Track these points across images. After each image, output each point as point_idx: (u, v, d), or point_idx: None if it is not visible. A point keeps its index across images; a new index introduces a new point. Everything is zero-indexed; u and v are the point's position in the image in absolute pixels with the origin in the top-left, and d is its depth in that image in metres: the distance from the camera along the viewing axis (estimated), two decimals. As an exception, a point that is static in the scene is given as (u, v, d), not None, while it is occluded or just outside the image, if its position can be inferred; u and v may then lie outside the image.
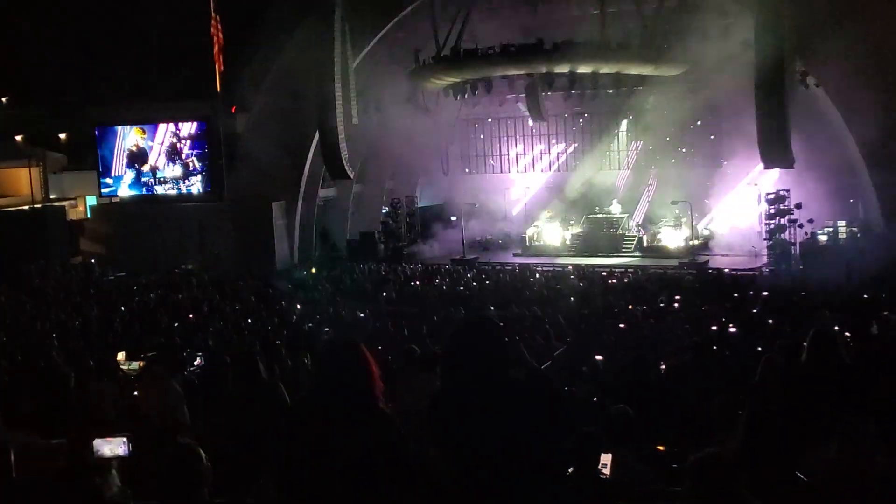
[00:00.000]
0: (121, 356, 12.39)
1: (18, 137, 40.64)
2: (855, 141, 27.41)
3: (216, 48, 33.55)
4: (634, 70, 30.86)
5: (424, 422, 4.00)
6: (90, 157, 37.94)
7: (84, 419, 6.98)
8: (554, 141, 41.49)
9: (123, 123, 36.55)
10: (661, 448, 7.24)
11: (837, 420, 5.60)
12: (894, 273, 22.50)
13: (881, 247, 25.50)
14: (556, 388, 4.25)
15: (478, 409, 3.83)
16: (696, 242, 34.21)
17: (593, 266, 32.54)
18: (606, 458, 6.05)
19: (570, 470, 5.74)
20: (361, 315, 22.38)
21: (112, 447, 4.93)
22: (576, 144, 40.80)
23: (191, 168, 36.01)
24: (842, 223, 30.84)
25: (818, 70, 27.05)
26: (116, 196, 37.37)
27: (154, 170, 36.41)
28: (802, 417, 6.66)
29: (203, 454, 4.29)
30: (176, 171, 36.18)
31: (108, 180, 37.01)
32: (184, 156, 36.05)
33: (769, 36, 25.08)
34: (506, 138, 42.26)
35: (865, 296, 20.29)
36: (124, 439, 4.96)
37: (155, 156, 36.33)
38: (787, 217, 30.19)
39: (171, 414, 7.53)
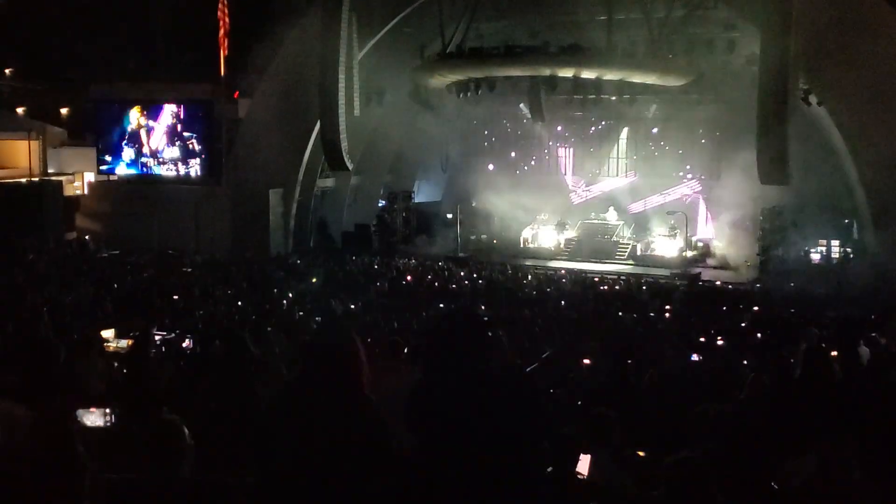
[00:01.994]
0: (110, 333, 12.38)
1: (20, 110, 40.58)
2: (854, 162, 27.50)
3: (222, 32, 33.53)
4: (638, 78, 30.89)
5: (404, 413, 4.03)
6: (90, 134, 37.87)
7: (71, 392, 7.01)
8: (554, 144, 41.52)
9: (126, 102, 36.48)
10: (641, 454, 7.28)
11: (819, 435, 5.66)
12: (884, 294, 22.61)
13: (873, 268, 25.63)
14: (535, 386, 4.28)
15: (456, 401, 3.86)
16: (689, 253, 34.29)
17: (586, 271, 32.64)
18: (585, 460, 6.09)
19: (548, 469, 5.78)
20: (353, 307, 22.43)
21: (95, 418, 4.96)
22: (575, 149, 40.80)
23: (190, 150, 35.95)
24: (835, 243, 30.97)
25: (821, 89, 27.10)
26: (114, 174, 37.29)
27: (153, 150, 36.35)
28: (786, 431, 6.72)
29: (186, 431, 4.33)
30: (175, 152, 36.10)
31: (107, 158, 36.92)
32: (184, 138, 35.98)
33: (774, 52, 25.13)
34: (506, 139, 42.25)
35: (854, 315, 20.36)
36: (107, 410, 4.99)
37: (155, 136, 36.26)
38: (781, 234, 30.28)
39: (157, 391, 7.56)
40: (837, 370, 7.88)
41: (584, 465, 5.94)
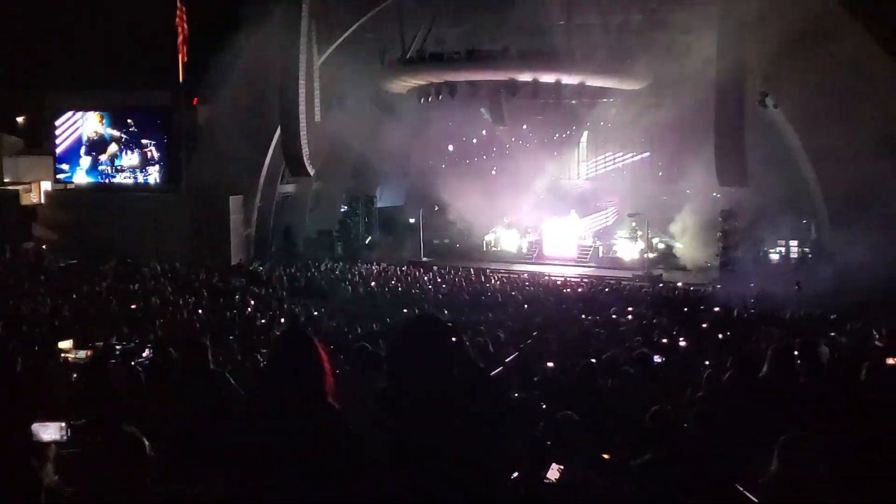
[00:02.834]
0: (68, 344, 12.24)
1: (-26, 119, 39.96)
2: (810, 163, 27.82)
3: (180, 38, 33.26)
4: (597, 82, 31.14)
5: (370, 419, 4.00)
6: (47, 142, 37.40)
7: (27, 404, 6.89)
8: (515, 148, 41.61)
9: (83, 109, 36.10)
10: (606, 456, 7.30)
11: (779, 435, 5.69)
12: (843, 294, 22.87)
13: (831, 267, 25.92)
14: (500, 390, 4.27)
15: (421, 407, 3.84)
16: (650, 255, 34.53)
17: (548, 274, 32.77)
18: (553, 465, 6.08)
19: (515, 474, 5.77)
20: (316, 313, 22.34)
21: (51, 432, 4.88)
22: (536, 152, 40.88)
23: (149, 158, 35.63)
24: (794, 243, 31.32)
25: (777, 92, 27.40)
26: (72, 182, 36.86)
27: (112, 158, 35.98)
28: (746, 430, 6.76)
29: (146, 443, 4.26)
30: (133, 160, 35.78)
31: (65, 166, 36.53)
32: (142, 145, 35.65)
33: (730, 55, 25.45)
34: (468, 143, 42.28)
35: (814, 315, 20.60)
36: (62, 424, 4.91)
37: (113, 144, 35.90)
38: (740, 235, 30.57)
39: (117, 403, 7.46)
40: (799, 370, 7.96)
41: (551, 469, 5.93)
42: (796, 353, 10.18)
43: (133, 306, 20.82)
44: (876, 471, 5.99)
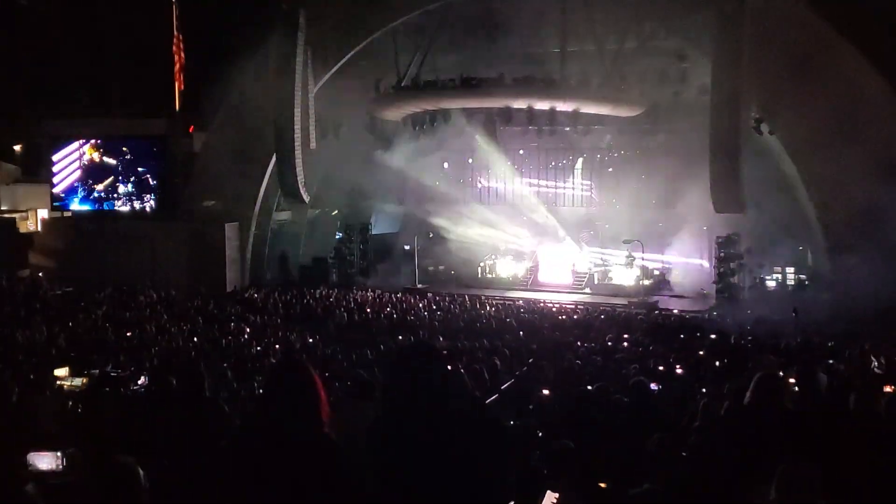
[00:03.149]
0: (64, 372, 12.20)
1: (-28, 147, 39.99)
2: (806, 190, 27.86)
3: (177, 67, 33.45)
4: (592, 109, 31.23)
5: (363, 449, 3.98)
6: (44, 170, 37.45)
7: (22, 433, 6.87)
8: (510, 175, 41.64)
9: (79, 138, 36.21)
10: (603, 485, 7.27)
11: (777, 463, 5.67)
12: (841, 321, 22.85)
13: (828, 294, 25.93)
14: (497, 420, 4.25)
15: (416, 437, 3.82)
16: (647, 282, 34.51)
17: (544, 301, 32.74)
18: (550, 495, 6.06)
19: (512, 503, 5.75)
20: (311, 340, 22.29)
21: (47, 461, 4.86)
22: (531, 179, 40.92)
23: (145, 185, 35.69)
24: (790, 269, 31.34)
25: (773, 117, 27.49)
26: (69, 210, 36.89)
27: (108, 186, 36.03)
28: (742, 460, 6.74)
29: (141, 473, 4.24)
30: (130, 187, 35.84)
31: (61, 194, 36.59)
32: (138, 173, 35.71)
33: (725, 82, 25.56)
34: (463, 170, 42.30)
35: (812, 342, 20.56)
36: (58, 453, 4.90)
37: (109, 171, 35.95)
38: (736, 261, 30.59)
39: (112, 432, 7.42)
40: (788, 397, 7.93)
41: (548, 498, 5.91)
42: (792, 380, 10.19)
43: (129, 333, 20.78)
44: (872, 499, 5.98)
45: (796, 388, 10.25)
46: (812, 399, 8.78)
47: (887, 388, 10.13)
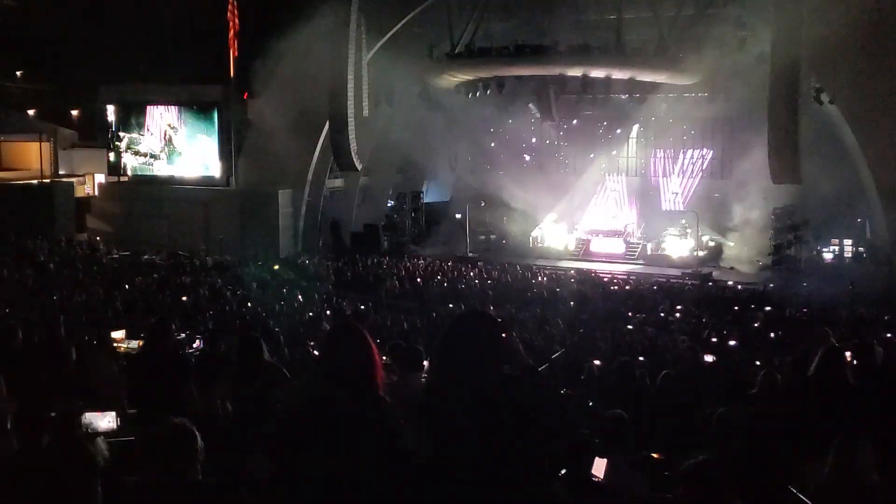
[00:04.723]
0: (120, 334, 12.39)
1: (31, 112, 40.66)
2: (866, 161, 27.34)
3: (231, 33, 33.59)
4: (648, 77, 30.84)
5: (415, 414, 3.99)
6: (101, 135, 37.95)
7: (81, 393, 6.99)
8: (564, 144, 41.37)
9: (136, 103, 36.59)
10: (655, 455, 7.23)
11: (833, 437, 5.60)
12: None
13: (886, 267, 25.49)
14: (551, 387, 4.24)
15: (470, 402, 3.82)
16: (701, 253, 34.14)
17: (595, 271, 32.55)
18: (601, 463, 6.04)
19: (563, 472, 5.74)
20: (362, 307, 22.42)
21: (102, 421, 4.94)
22: (585, 148, 40.57)
23: (199, 151, 36.01)
24: (848, 242, 30.82)
25: (833, 88, 26.92)
26: (125, 175, 37.39)
27: (163, 151, 36.43)
28: (800, 432, 6.66)
29: (197, 433, 4.29)
30: (184, 153, 36.19)
31: (118, 159, 37.03)
32: (194, 139, 36.04)
33: (785, 50, 25.02)
34: (516, 139, 42.06)
35: (868, 314, 20.26)
36: (113, 414, 4.98)
37: (165, 137, 36.34)
38: (793, 233, 30.14)
39: (167, 394, 7.52)
40: (850, 371, 7.82)
41: (599, 467, 5.89)
42: (849, 354, 10.03)
43: (184, 298, 21.06)
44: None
45: (854, 362, 10.12)
46: (869, 373, 8.66)
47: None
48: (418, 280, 28.14)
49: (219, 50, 34.15)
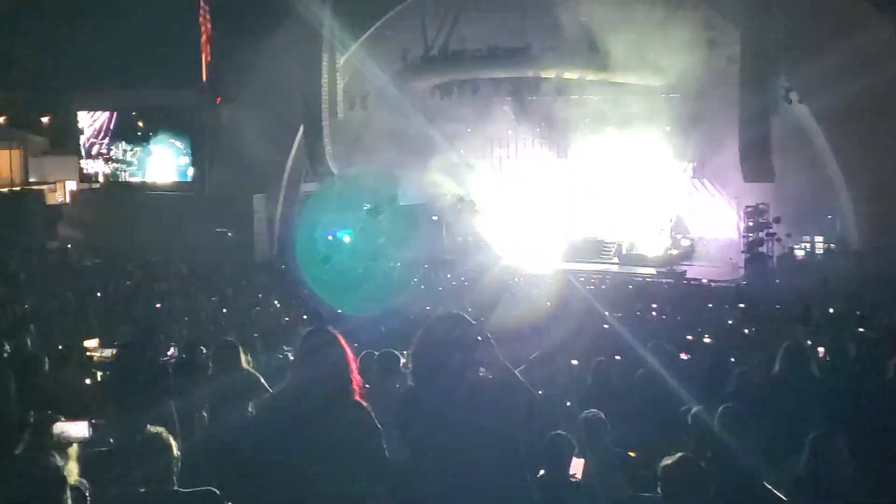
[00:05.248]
0: (94, 343, 12.31)
1: (0, 119, 40.31)
2: (835, 159, 27.59)
3: (203, 37, 33.43)
4: (619, 78, 31.00)
5: (392, 417, 4.00)
6: (71, 142, 37.66)
7: (53, 403, 6.93)
8: (538, 144, 41.37)
9: (106, 109, 36.33)
10: (632, 454, 7.26)
11: (808, 432, 5.64)
12: (869, 290, 22.67)
13: (857, 263, 25.69)
14: (527, 389, 4.26)
15: (447, 404, 3.83)
16: (675, 252, 34.31)
17: (572, 271, 32.60)
18: (579, 463, 6.06)
19: (541, 472, 5.75)
20: (339, 311, 22.33)
21: (75, 430, 4.90)
22: (559, 148, 40.56)
23: (172, 157, 35.82)
24: (819, 238, 31.05)
25: (802, 88, 27.17)
26: (97, 182, 37.11)
27: (135, 157, 36.20)
28: (773, 429, 6.71)
29: (173, 443, 4.27)
30: (157, 159, 35.98)
31: (89, 165, 36.76)
32: (166, 144, 35.84)
33: (754, 50, 25.25)
34: (491, 140, 42.02)
35: (841, 311, 20.40)
36: (86, 423, 4.94)
37: (137, 143, 36.13)
38: (765, 230, 30.34)
39: (142, 402, 7.48)
40: (816, 367, 7.89)
41: (577, 467, 5.91)
42: (821, 350, 10.11)
43: (158, 305, 20.91)
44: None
45: (827, 358, 10.21)
46: (841, 368, 8.73)
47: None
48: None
49: (191, 55, 33.97)
